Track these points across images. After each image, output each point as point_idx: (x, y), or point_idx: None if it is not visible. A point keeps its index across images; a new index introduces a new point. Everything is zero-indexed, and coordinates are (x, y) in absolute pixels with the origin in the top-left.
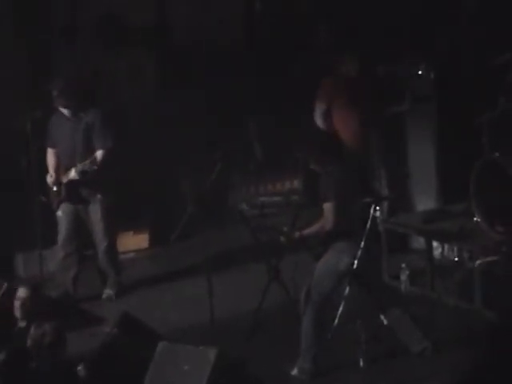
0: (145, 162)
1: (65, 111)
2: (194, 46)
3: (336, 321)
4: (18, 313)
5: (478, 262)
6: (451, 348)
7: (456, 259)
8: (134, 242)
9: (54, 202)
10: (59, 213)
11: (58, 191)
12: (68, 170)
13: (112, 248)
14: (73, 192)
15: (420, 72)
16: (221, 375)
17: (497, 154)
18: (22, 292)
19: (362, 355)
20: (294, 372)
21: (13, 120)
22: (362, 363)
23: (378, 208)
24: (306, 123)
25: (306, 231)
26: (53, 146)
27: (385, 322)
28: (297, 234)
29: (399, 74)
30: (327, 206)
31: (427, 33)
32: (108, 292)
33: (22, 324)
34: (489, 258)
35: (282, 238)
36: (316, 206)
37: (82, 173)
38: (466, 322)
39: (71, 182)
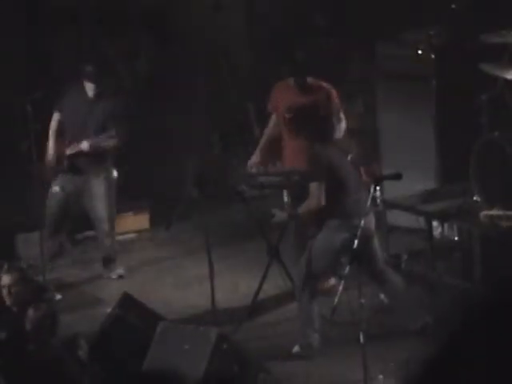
0: (145, 142)
1: (90, 89)
2: (193, 31)
3: (336, 300)
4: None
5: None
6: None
7: (456, 238)
8: (134, 222)
9: (48, 173)
10: (56, 188)
11: (59, 162)
12: (73, 143)
13: (113, 226)
14: (77, 164)
15: (420, 52)
16: (221, 355)
17: (496, 133)
18: (6, 278)
19: (362, 333)
20: (295, 349)
21: (12, 102)
22: (362, 340)
23: (377, 188)
24: None
25: (296, 211)
26: (61, 112)
27: (385, 300)
28: (285, 215)
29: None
30: (313, 185)
31: (427, 12)
32: (118, 272)
33: (14, 309)
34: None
35: (272, 220)
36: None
37: (94, 147)
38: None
39: (78, 153)
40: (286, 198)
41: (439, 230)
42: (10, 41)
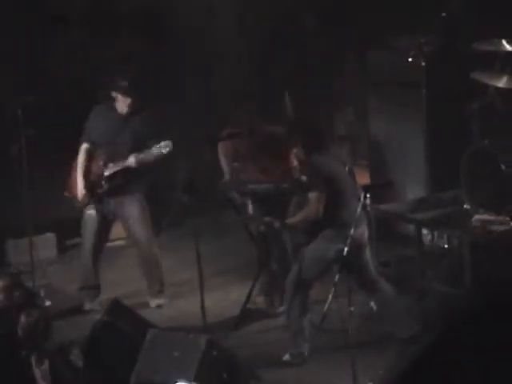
0: None
1: (125, 104)
2: (188, 33)
3: (326, 307)
4: None
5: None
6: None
7: (446, 246)
8: (123, 229)
9: (84, 198)
10: (90, 211)
11: (97, 185)
12: (105, 165)
13: (152, 247)
14: (115, 184)
15: (410, 59)
16: (211, 362)
17: (486, 141)
18: None
19: (352, 340)
20: (286, 357)
21: (11, 103)
22: (351, 347)
23: (367, 195)
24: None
25: (291, 220)
26: (90, 141)
27: (374, 307)
28: (278, 224)
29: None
30: (311, 195)
31: (418, 20)
32: (156, 302)
33: (5, 314)
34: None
35: (263, 228)
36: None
37: (140, 162)
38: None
39: (119, 172)
40: (250, 210)
41: (429, 237)
42: (9, 41)
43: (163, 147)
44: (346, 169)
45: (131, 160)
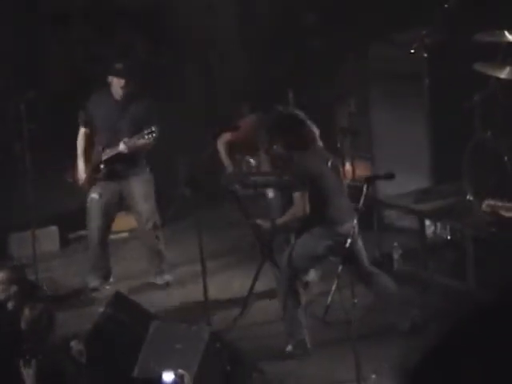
0: None
1: (119, 88)
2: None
3: (329, 299)
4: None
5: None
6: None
7: (448, 238)
8: (126, 221)
9: (85, 182)
10: (94, 195)
11: (96, 170)
12: (103, 150)
13: (159, 228)
14: (114, 169)
15: (412, 51)
16: (214, 354)
17: (488, 133)
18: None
19: (355, 332)
20: (289, 348)
21: (6, 101)
22: (354, 339)
23: (369, 188)
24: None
25: (280, 220)
26: (88, 126)
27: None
28: (268, 225)
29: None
30: (295, 195)
31: (420, 12)
32: (165, 278)
33: (9, 306)
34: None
35: (255, 229)
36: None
37: (131, 147)
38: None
39: (115, 157)
40: (270, 194)
41: (432, 229)
42: (9, 41)
43: (150, 133)
44: (329, 165)
45: (122, 146)
